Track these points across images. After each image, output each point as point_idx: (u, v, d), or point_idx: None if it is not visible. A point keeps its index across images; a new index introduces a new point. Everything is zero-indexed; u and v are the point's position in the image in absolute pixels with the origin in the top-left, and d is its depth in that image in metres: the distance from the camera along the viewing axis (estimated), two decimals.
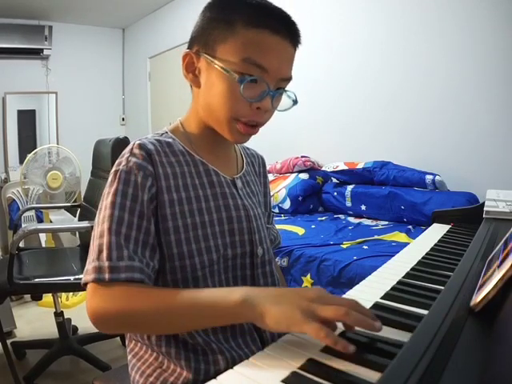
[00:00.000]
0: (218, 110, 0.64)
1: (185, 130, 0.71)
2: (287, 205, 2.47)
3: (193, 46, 0.66)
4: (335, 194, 2.42)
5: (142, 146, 0.63)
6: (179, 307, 0.53)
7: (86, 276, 0.56)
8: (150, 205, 0.61)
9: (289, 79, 0.66)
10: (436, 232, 1.07)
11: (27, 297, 2.47)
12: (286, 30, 0.62)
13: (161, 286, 0.64)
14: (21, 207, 3.13)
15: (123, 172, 0.60)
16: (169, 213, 0.62)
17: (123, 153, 0.64)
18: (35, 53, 4.06)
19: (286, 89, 0.67)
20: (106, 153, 1.77)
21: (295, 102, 0.68)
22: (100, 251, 0.56)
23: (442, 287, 0.62)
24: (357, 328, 0.52)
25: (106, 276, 0.54)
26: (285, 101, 0.68)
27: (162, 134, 0.70)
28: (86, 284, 0.56)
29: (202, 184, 0.67)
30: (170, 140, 0.68)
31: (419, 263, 0.80)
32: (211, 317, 0.52)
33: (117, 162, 0.63)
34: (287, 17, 0.64)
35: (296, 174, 2.59)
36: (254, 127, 0.65)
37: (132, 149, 0.63)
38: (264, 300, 0.47)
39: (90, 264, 0.56)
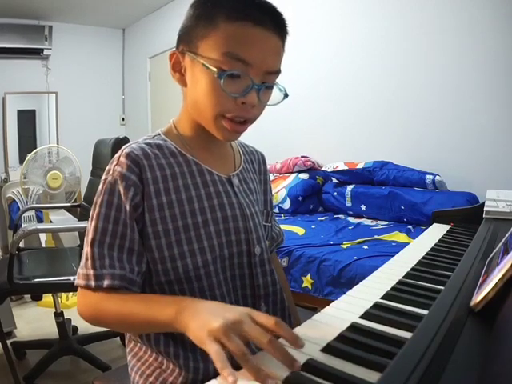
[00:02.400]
0: (203, 108, 0.63)
1: (177, 131, 0.70)
2: (287, 205, 2.47)
3: (179, 45, 0.66)
4: (335, 193, 2.42)
5: (128, 155, 0.63)
6: (130, 320, 0.57)
7: (78, 280, 0.61)
8: (133, 214, 0.61)
9: (276, 72, 0.63)
10: (436, 232, 1.08)
11: (27, 297, 2.47)
12: (270, 21, 0.60)
13: (155, 286, 0.64)
14: (21, 207, 3.13)
15: (109, 182, 0.62)
16: (158, 217, 0.62)
17: (113, 159, 0.64)
18: (35, 53, 4.05)
19: (276, 82, 0.64)
20: (106, 153, 1.78)
21: (286, 95, 0.65)
22: (86, 259, 0.60)
23: (442, 287, 0.62)
24: (359, 326, 0.52)
25: (93, 283, 0.59)
26: (275, 95, 0.65)
27: (154, 136, 0.70)
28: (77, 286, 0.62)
29: (195, 184, 0.66)
30: (161, 142, 0.68)
31: (419, 263, 0.80)
32: (155, 329, 0.59)
33: (107, 168, 0.64)
34: (271, 7, 0.61)
35: (296, 174, 2.59)
36: (242, 124, 0.64)
37: (119, 157, 0.63)
38: (189, 316, 0.49)
39: (80, 269, 0.61)
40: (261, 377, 0.40)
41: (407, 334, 0.49)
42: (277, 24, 0.61)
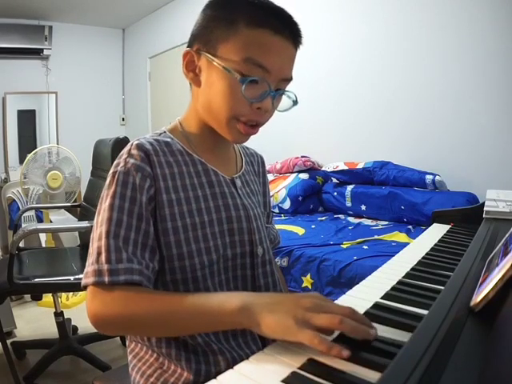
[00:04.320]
0: (218, 109, 0.63)
1: (184, 130, 0.70)
2: (287, 205, 2.47)
3: (193, 44, 0.66)
4: (335, 193, 2.42)
5: (139, 147, 0.62)
6: (177, 313, 0.53)
7: (86, 279, 0.56)
8: (148, 206, 0.60)
9: (289, 80, 0.66)
10: (436, 232, 1.07)
11: (27, 297, 2.47)
12: (288, 31, 0.62)
13: (160, 286, 0.63)
14: (21, 207, 3.13)
15: (121, 173, 0.60)
16: (168, 213, 0.62)
17: (121, 153, 0.63)
18: (35, 53, 4.05)
19: (287, 89, 0.67)
20: (106, 153, 1.77)
21: (295, 102, 0.68)
22: (99, 254, 0.56)
23: (442, 287, 0.62)
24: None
25: (106, 279, 0.54)
26: (285, 101, 0.68)
27: (161, 133, 0.70)
28: (85, 286, 0.57)
29: (200, 184, 0.67)
30: (168, 139, 0.68)
31: (419, 263, 0.80)
32: (209, 324, 0.54)
33: (115, 162, 0.63)
34: (289, 17, 0.63)
35: (296, 173, 2.59)
36: (253, 127, 0.65)
37: (130, 149, 0.62)
38: (260, 308, 0.48)
39: (90, 267, 0.56)
40: (370, 333, 0.44)
41: (407, 334, 0.48)
42: (294, 34, 0.63)
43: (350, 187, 2.34)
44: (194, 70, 0.66)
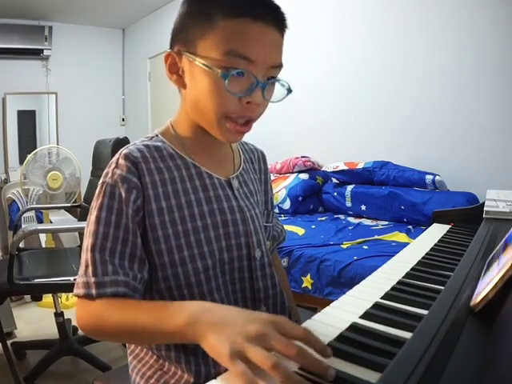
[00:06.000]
0: (206, 110, 0.61)
1: (175, 132, 0.69)
2: (287, 205, 2.47)
3: (174, 45, 0.64)
4: (335, 194, 2.42)
5: (127, 156, 0.61)
6: (134, 328, 0.53)
7: (77, 289, 0.58)
8: (135, 218, 0.60)
9: (279, 66, 0.61)
10: (436, 232, 1.07)
11: (27, 297, 2.47)
12: (269, 15, 0.58)
13: (155, 294, 0.63)
14: (21, 208, 3.13)
15: (108, 185, 0.60)
16: (158, 222, 0.61)
17: (111, 162, 0.63)
18: (35, 53, 4.05)
19: (278, 78, 0.63)
20: (106, 153, 1.78)
21: (289, 90, 0.64)
22: (86, 266, 0.58)
23: (442, 287, 0.62)
24: (359, 326, 0.52)
25: (94, 292, 0.56)
26: (278, 90, 0.64)
27: (152, 137, 0.68)
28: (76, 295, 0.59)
29: (194, 188, 0.65)
30: (159, 144, 0.66)
31: (419, 263, 0.80)
32: (164, 339, 0.54)
33: (105, 171, 0.62)
34: (269, 1, 0.60)
35: (296, 174, 2.59)
36: (245, 124, 0.62)
37: (118, 159, 0.62)
38: (205, 327, 0.45)
39: (80, 277, 0.58)
40: (296, 383, 0.38)
41: (407, 334, 0.48)
42: (276, 17, 0.60)
43: (349, 187, 2.34)
44: (178, 71, 0.64)
